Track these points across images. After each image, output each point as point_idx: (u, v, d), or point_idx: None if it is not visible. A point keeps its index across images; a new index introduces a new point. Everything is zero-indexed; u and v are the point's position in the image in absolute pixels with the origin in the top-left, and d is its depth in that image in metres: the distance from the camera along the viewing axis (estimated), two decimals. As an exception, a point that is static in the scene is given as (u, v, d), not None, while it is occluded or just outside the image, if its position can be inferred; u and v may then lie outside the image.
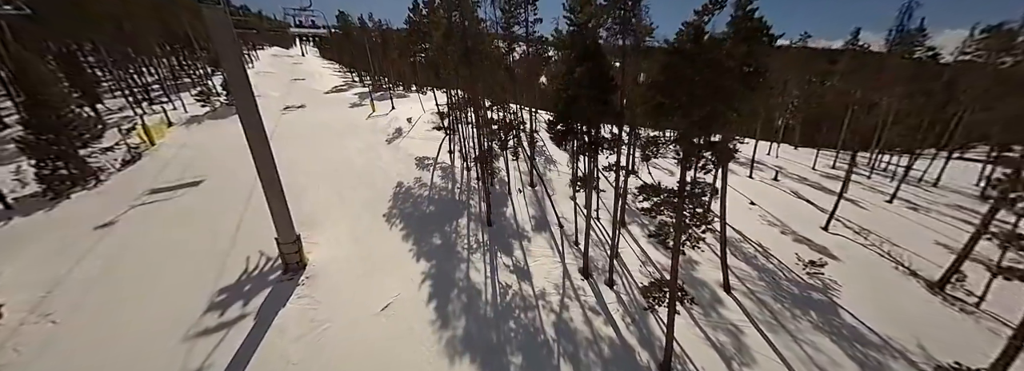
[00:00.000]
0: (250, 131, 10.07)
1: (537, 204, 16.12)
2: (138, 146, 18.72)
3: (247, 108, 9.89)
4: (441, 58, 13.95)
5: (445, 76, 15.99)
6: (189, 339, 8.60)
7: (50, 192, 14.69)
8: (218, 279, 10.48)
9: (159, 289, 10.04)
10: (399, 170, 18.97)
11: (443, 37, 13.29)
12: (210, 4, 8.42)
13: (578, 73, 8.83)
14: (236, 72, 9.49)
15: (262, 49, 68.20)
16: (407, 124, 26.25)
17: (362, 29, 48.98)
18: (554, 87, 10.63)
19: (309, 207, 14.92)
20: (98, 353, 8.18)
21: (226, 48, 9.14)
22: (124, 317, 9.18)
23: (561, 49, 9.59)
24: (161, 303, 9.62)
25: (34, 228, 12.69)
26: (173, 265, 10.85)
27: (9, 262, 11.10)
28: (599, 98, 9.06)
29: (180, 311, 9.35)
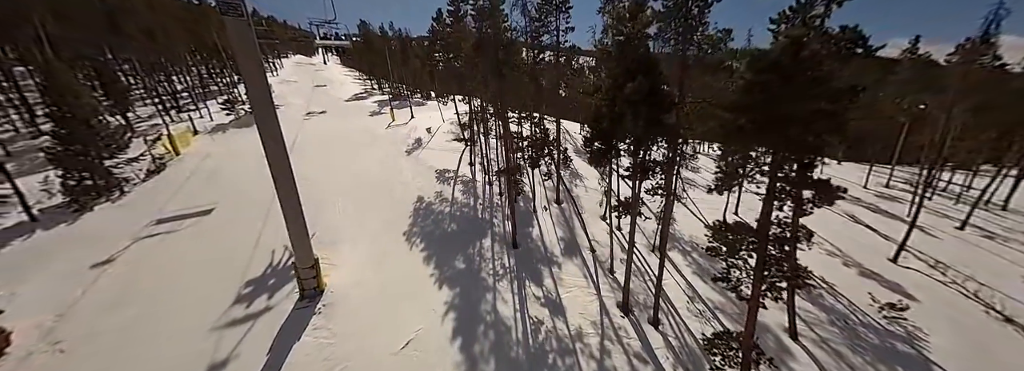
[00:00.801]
0: (270, 148, 9.34)
1: (565, 224, 14.97)
2: (163, 156, 18.55)
3: (268, 125, 9.16)
4: (470, 70, 13.09)
5: (473, 88, 15.10)
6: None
7: (75, 204, 14.45)
8: (231, 308, 9.74)
9: (168, 322, 9.36)
10: (419, 184, 18.19)
11: (473, 49, 12.45)
12: (233, 15, 7.74)
13: (629, 89, 7.75)
14: (257, 85, 8.80)
15: (286, 57, 69.72)
16: (426, 134, 25.60)
17: (383, 38, 49.26)
18: (596, 102, 9.56)
19: (328, 224, 14.22)
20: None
21: (247, 60, 8.47)
22: (134, 350, 8.50)
23: (605, 61, 8.56)
24: (170, 336, 8.92)
25: (54, 244, 12.35)
26: (183, 296, 10.16)
27: (26, 281, 10.69)
28: (653, 117, 7.94)
29: (190, 345, 8.62)
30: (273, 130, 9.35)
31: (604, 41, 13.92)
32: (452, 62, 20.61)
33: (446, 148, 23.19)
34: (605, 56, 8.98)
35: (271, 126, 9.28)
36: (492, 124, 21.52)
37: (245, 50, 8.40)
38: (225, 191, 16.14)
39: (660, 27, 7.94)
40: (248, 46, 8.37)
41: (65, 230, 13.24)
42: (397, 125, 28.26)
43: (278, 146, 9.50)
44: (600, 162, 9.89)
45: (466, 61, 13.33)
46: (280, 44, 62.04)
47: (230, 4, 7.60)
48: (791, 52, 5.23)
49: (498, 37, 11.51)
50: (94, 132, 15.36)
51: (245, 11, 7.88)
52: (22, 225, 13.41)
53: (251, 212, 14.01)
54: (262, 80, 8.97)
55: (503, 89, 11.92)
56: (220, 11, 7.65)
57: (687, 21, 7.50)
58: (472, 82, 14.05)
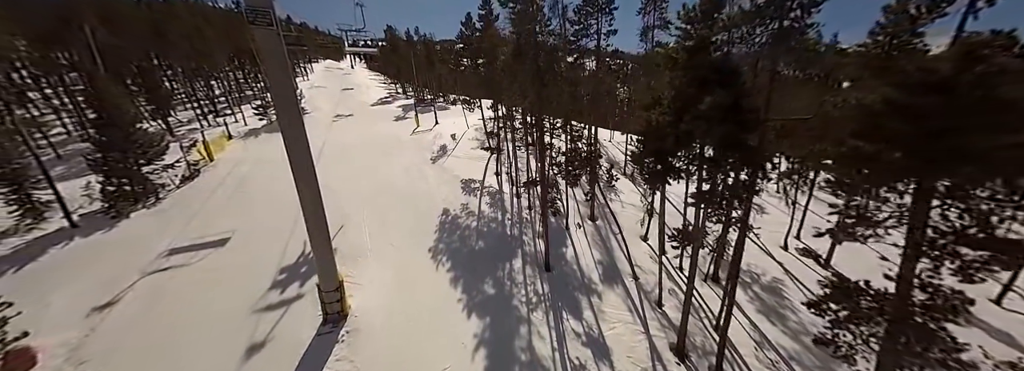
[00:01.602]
0: (298, 169, 8.61)
1: (602, 244, 13.68)
2: (197, 162, 18.58)
3: (295, 138, 8.39)
4: (506, 77, 12.03)
5: (508, 96, 14.05)
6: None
7: (112, 210, 14.45)
8: (253, 333, 9.09)
9: (192, 346, 8.79)
10: (445, 194, 17.36)
11: (512, 56, 11.41)
12: (262, 25, 7.03)
13: (707, 104, 6.46)
14: (285, 95, 8.08)
15: (316, 62, 71.39)
16: (451, 141, 24.87)
17: (408, 43, 49.31)
18: (656, 116, 8.28)
19: (352, 237, 13.57)
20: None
21: (275, 69, 7.77)
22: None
23: (670, 68, 7.32)
24: (193, 360, 8.34)
25: (90, 252, 12.24)
26: (207, 320, 9.59)
27: (59, 291, 10.49)
28: (732, 137, 6.61)
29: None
30: (302, 155, 8.60)
31: (668, 44, 12.53)
32: (480, 68, 19.66)
33: (471, 156, 22.34)
34: (670, 63, 7.66)
35: (300, 149, 8.54)
36: (520, 132, 20.47)
37: (274, 61, 7.71)
38: (252, 203, 15.81)
39: (743, 31, 6.58)
40: (276, 57, 7.68)
41: (101, 238, 13.17)
42: (421, 131, 27.72)
43: (308, 170, 8.75)
44: (656, 184, 8.59)
45: (503, 68, 12.24)
46: (311, 50, 63.56)
47: (259, 13, 6.89)
48: (961, 65, 3.84)
49: (540, 43, 10.42)
50: (133, 139, 15.41)
51: (275, 20, 7.15)
52: (62, 231, 13.46)
53: (273, 233, 13.47)
54: (292, 99, 8.25)
55: (543, 98, 10.80)
56: (249, 21, 6.94)
57: (782, 23, 6.12)
58: (508, 90, 12.91)
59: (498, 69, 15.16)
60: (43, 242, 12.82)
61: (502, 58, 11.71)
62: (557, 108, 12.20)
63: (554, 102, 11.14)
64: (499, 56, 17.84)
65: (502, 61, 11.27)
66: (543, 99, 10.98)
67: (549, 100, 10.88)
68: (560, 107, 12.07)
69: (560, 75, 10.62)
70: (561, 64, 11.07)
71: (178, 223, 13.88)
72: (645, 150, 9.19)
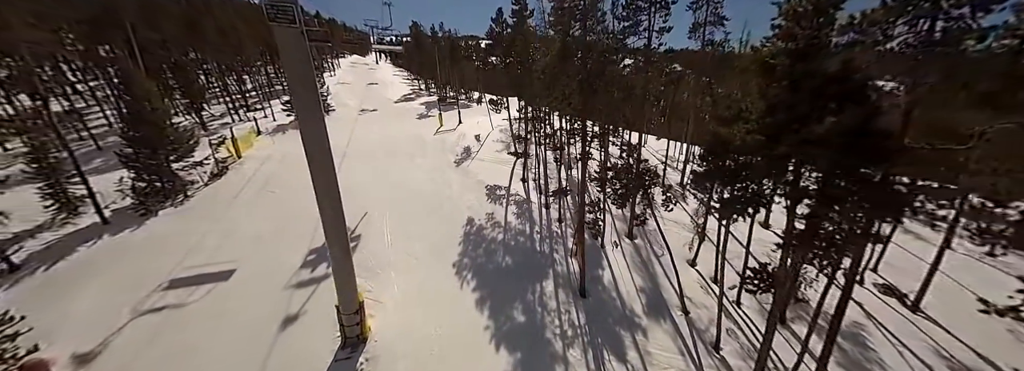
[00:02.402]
0: (319, 184, 7.66)
1: (643, 268, 12.23)
2: (225, 159, 18.29)
3: (317, 144, 7.41)
4: (544, 80, 10.60)
5: (550, 101, 12.66)
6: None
7: (141, 207, 14.21)
8: (267, 356, 8.34)
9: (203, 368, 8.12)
10: (469, 201, 16.29)
11: (558, 58, 10.00)
12: (283, 23, 6.00)
13: (826, 126, 4.97)
14: (306, 97, 7.08)
15: (343, 57, 71.86)
16: (475, 143, 23.76)
17: (433, 38, 48.36)
18: (739, 134, 6.76)
19: (373, 246, 12.75)
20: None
21: (296, 69, 6.75)
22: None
23: (763, 76, 5.82)
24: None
25: (115, 253, 11.93)
26: (219, 340, 8.86)
27: (81, 297, 10.11)
28: (855, 170, 5.09)
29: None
30: (327, 175, 7.64)
31: (762, 44, 10.70)
32: (515, 66, 18.30)
33: (496, 160, 21.17)
34: (763, 69, 6.11)
35: (322, 161, 7.58)
36: (553, 137, 19.06)
37: (295, 60, 6.68)
38: (275, 205, 15.25)
39: (880, 29, 4.94)
40: (298, 56, 6.65)
41: (128, 237, 12.89)
42: (445, 131, 26.75)
43: (331, 188, 7.79)
44: (731, 217, 7.12)
45: (545, 70, 10.77)
46: (337, 46, 63.66)
47: (280, 9, 5.86)
48: None
49: (591, 44, 8.99)
50: (164, 136, 15.11)
51: (298, 17, 6.10)
52: (93, 228, 13.29)
53: (295, 240, 12.76)
54: (315, 109, 7.24)
55: (593, 105, 9.40)
56: (268, 18, 5.92)
57: (934, 23, 4.47)
58: (547, 93, 11.44)
59: (536, 71, 13.73)
60: (74, 238, 12.64)
61: (542, 59, 10.33)
62: (604, 115, 10.71)
63: (602, 109, 9.69)
64: (534, 55, 16.42)
65: (543, 62, 9.90)
66: (590, 107, 9.57)
67: (597, 108, 9.46)
68: (608, 115, 10.58)
69: (612, 80, 9.15)
70: (617, 67, 9.59)
71: (202, 226, 13.45)
72: (716, 172, 7.67)
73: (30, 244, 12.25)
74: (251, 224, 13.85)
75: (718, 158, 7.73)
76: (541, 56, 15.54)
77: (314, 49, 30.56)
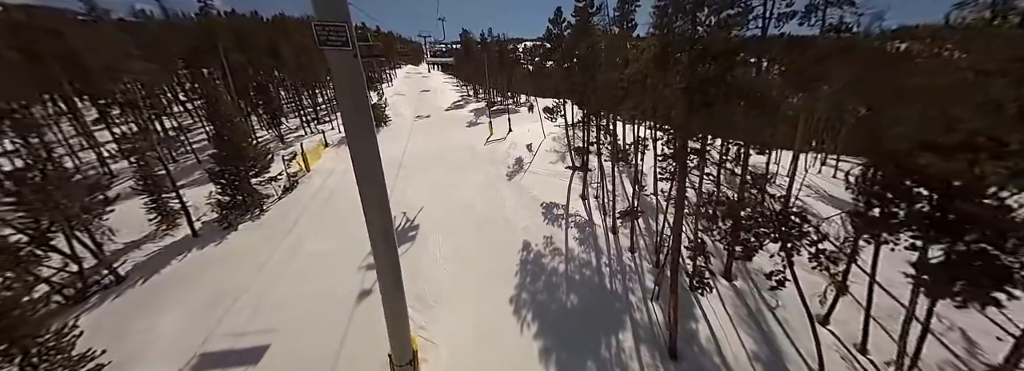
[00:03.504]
0: (371, 213, 6.46)
1: (752, 323, 9.44)
2: (296, 173, 18.79)
3: (368, 169, 6.19)
4: (633, 88, 8.31)
5: (642, 117, 10.39)
6: None
7: (225, 221, 14.77)
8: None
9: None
10: (525, 222, 14.60)
11: (653, 62, 7.75)
12: (335, 46, 4.75)
13: None
14: (359, 124, 5.86)
15: (399, 67, 74.92)
16: (527, 153, 22.04)
17: (483, 44, 47.69)
18: (991, 169, 4.06)
19: (427, 270, 11.64)
20: None
21: (348, 92, 5.53)
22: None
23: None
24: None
25: (199, 268, 12.28)
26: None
27: (170, 310, 10.30)
28: None
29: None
30: (380, 201, 6.41)
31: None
32: (575, 71, 16.17)
33: (551, 172, 19.22)
34: None
35: (377, 196, 6.36)
36: (607, 144, 16.63)
37: (348, 85, 5.47)
38: (337, 221, 14.95)
39: None
40: (351, 80, 5.43)
41: (213, 251, 13.32)
42: (495, 140, 25.45)
43: (384, 222, 6.57)
44: (976, 299, 4.44)
45: (634, 77, 8.39)
46: (391, 60, 65.99)
47: (331, 30, 4.62)
48: None
49: (705, 41, 6.63)
50: (245, 153, 15.66)
51: (350, 39, 4.81)
52: (184, 241, 14.01)
53: (351, 260, 12.14)
54: (366, 115, 5.97)
55: (697, 120, 7.02)
56: (319, 42, 4.73)
57: None
58: (636, 102, 9.03)
59: (616, 77, 11.42)
60: (169, 252, 13.38)
61: (632, 65, 8.18)
62: (721, 130, 8.09)
63: (718, 124, 7.21)
64: (600, 57, 14.14)
65: (635, 68, 7.76)
66: (697, 121, 7.19)
67: (713, 122, 7.05)
68: (725, 130, 7.98)
69: (737, 88, 6.67)
70: (739, 72, 7.07)
71: (272, 242, 13.51)
72: (916, 217, 4.96)
73: (134, 255, 13.18)
74: (315, 241, 13.65)
75: (920, 200, 4.99)
76: (616, 58, 13.24)
77: (371, 63, 29.95)
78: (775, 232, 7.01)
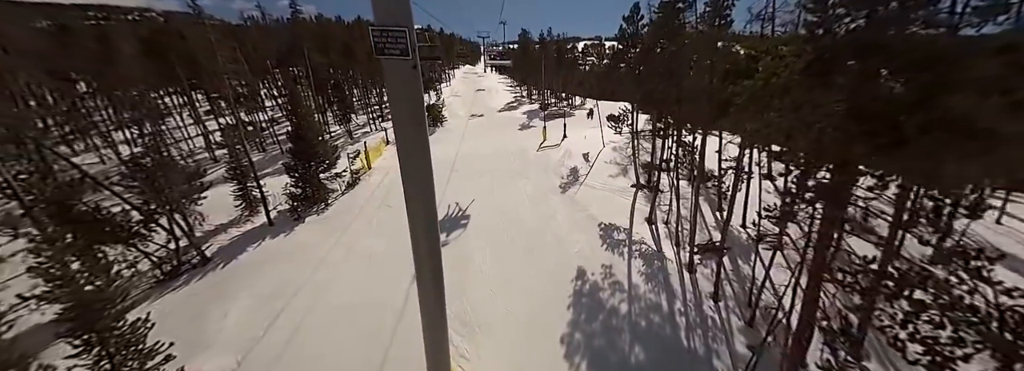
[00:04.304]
0: (418, 235, 5.52)
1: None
2: (358, 170, 19.25)
3: (421, 202, 5.25)
4: (754, 100, 6.03)
5: (767, 141, 8.18)
6: None
7: (295, 213, 15.44)
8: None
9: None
10: (579, 244, 12.91)
11: (810, 73, 5.52)
12: (392, 56, 3.69)
13: None
14: (413, 139, 4.89)
15: (457, 68, 76.32)
16: (583, 162, 20.09)
17: (541, 43, 45.96)
18: None
19: (471, 291, 10.64)
20: None
21: (403, 102, 4.56)
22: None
23: None
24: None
25: (270, 257, 12.79)
26: None
27: (240, 297, 10.67)
28: None
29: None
30: (429, 225, 5.42)
31: None
32: (656, 75, 13.89)
33: (611, 187, 17.12)
34: None
35: (427, 219, 5.36)
36: (685, 160, 14.05)
37: (403, 94, 4.50)
38: (386, 224, 14.71)
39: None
40: (408, 89, 4.45)
41: (283, 242, 13.88)
42: (549, 146, 23.83)
43: (433, 248, 5.58)
44: None
45: (787, 87, 5.99)
46: (448, 61, 67.05)
47: (390, 36, 3.54)
48: None
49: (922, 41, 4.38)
50: (316, 149, 16.24)
51: (410, 46, 3.71)
52: (261, 229, 14.87)
53: (391, 284, 11.59)
54: (424, 159, 4.97)
55: (880, 156, 4.76)
56: (376, 51, 3.72)
57: None
58: (761, 127, 6.49)
59: (733, 89, 9.13)
60: (248, 237, 14.27)
61: (761, 76, 6.08)
62: (914, 174, 5.51)
63: (904, 162, 4.81)
64: (688, 59, 11.72)
65: (769, 79, 5.70)
66: (867, 156, 4.91)
67: (898, 160, 4.73)
68: (917, 174, 5.40)
69: (947, 117, 4.32)
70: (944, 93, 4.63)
71: (331, 238, 13.68)
72: None
73: (220, 238, 14.27)
74: (368, 240, 13.53)
75: None
76: (707, 61, 10.80)
77: (428, 66, 29.30)
78: (985, 341, 4.50)
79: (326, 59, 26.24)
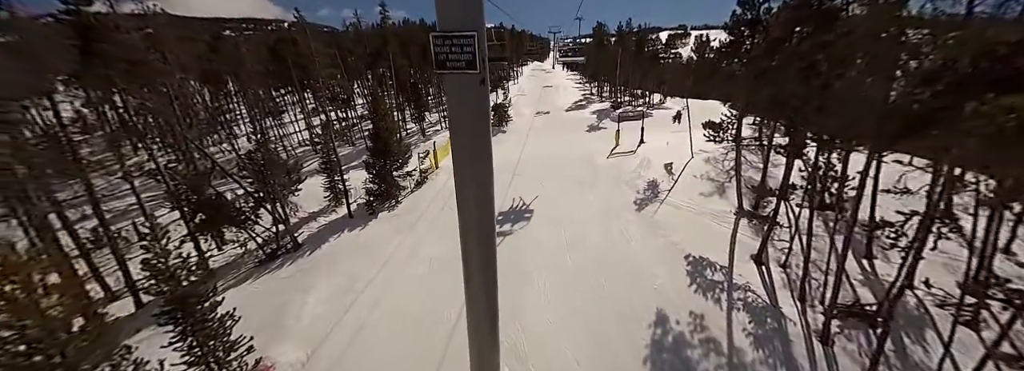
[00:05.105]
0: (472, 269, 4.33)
1: None
2: (427, 169, 19.49)
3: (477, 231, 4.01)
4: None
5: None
6: None
7: (370, 208, 16.19)
8: None
9: None
10: (660, 278, 10.46)
11: None
12: (459, 70, 2.26)
13: None
14: (475, 163, 3.61)
15: (525, 65, 74.71)
16: (665, 175, 16.88)
17: (619, 37, 41.44)
18: None
19: (527, 317, 9.27)
20: None
21: (467, 113, 3.24)
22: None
23: None
24: None
25: (344, 250, 13.45)
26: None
27: (318, 287, 11.27)
28: None
29: None
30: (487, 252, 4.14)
31: None
32: (791, 75, 10.34)
33: (702, 209, 13.84)
34: None
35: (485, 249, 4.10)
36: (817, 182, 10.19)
37: (467, 104, 3.21)
38: (447, 228, 14.19)
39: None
40: (473, 100, 3.12)
41: (358, 235, 14.57)
42: (622, 152, 20.90)
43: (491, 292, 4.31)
44: None
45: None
46: (515, 60, 65.26)
47: (455, 44, 2.24)
48: None
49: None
50: (390, 148, 16.73)
51: (478, 59, 2.23)
52: (342, 220, 15.93)
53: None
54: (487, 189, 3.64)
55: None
56: (437, 65, 2.39)
57: None
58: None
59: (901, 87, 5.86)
60: (331, 228, 15.40)
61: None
62: None
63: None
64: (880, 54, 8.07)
65: None
66: None
67: None
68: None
69: None
70: None
71: (398, 236, 13.78)
72: None
73: (310, 226, 15.68)
74: (429, 244, 13.28)
75: None
76: (901, 55, 7.19)
77: (495, 65, 27.92)
78: None
79: (407, 61, 27.45)
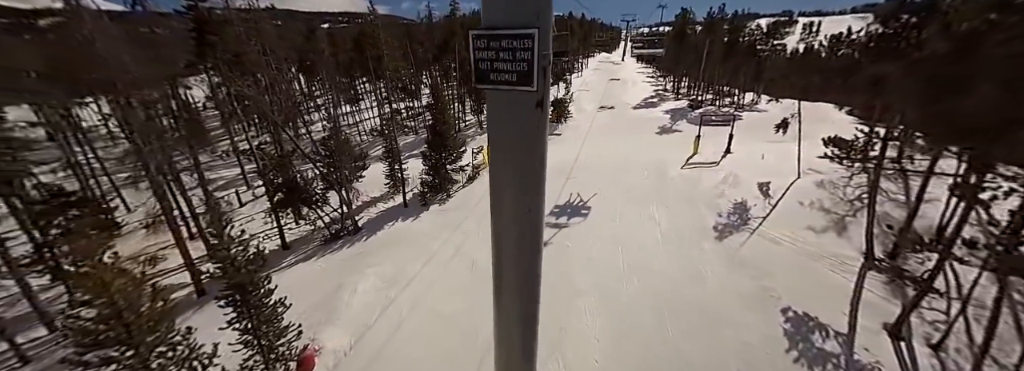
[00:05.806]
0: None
1: None
2: (479, 165, 18.97)
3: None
4: None
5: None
6: None
7: (423, 199, 16.33)
8: None
9: None
10: (747, 332, 8.11)
11: None
12: (509, 85, 0.87)
13: None
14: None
15: (591, 56, 69.42)
16: (760, 196, 13.49)
17: (707, 26, 35.20)
18: None
19: (574, 346, 7.98)
20: None
21: (511, 126, 1.89)
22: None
23: None
24: None
25: (395, 240, 13.68)
26: None
27: (369, 274, 11.55)
28: None
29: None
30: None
31: None
32: (970, 75, 6.70)
33: (812, 248, 10.55)
34: None
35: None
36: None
37: (518, 147, 1.79)
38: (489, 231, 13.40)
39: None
40: (527, 140, 1.69)
41: (409, 226, 14.76)
42: (701, 164, 17.53)
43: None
44: None
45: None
46: (581, 52, 60.22)
47: (506, 43, 1.06)
48: None
49: None
50: (446, 141, 16.48)
51: (536, 72, 0.83)
52: (397, 208, 16.37)
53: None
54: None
55: None
56: (476, 78, 1.17)
57: None
58: None
59: None
60: (387, 215, 15.90)
61: None
62: None
63: None
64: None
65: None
66: None
67: None
68: None
69: None
70: None
71: (445, 232, 13.48)
72: None
73: (370, 210, 16.41)
74: (473, 246, 12.69)
75: None
76: None
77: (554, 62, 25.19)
78: None
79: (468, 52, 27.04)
